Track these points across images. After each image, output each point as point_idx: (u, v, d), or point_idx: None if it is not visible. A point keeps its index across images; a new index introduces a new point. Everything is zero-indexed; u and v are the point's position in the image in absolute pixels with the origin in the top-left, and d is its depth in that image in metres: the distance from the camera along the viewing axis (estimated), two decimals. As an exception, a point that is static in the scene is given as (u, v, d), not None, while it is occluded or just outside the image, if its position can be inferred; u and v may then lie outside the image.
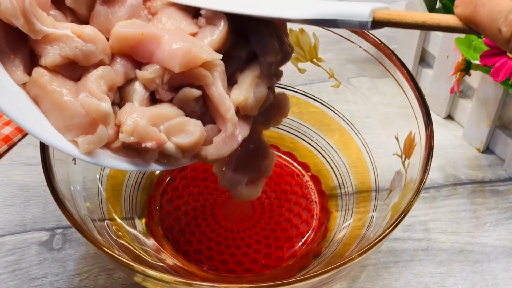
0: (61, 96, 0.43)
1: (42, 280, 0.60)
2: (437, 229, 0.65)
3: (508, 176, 0.69)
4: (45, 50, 0.44)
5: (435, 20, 0.40)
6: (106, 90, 0.44)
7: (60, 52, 0.44)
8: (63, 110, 0.44)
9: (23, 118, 0.43)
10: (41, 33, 0.43)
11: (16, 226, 0.64)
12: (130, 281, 0.60)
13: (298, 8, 0.45)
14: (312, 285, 0.49)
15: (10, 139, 0.70)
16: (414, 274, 0.61)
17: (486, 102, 0.68)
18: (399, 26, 0.42)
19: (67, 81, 0.45)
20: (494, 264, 0.62)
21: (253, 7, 0.47)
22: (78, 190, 0.57)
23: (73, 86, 0.45)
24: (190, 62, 0.45)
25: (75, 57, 0.44)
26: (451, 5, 0.69)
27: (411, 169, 0.55)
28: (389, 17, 0.41)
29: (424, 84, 0.76)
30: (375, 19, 0.42)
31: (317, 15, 0.44)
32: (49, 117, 0.44)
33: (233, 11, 0.47)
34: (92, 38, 0.44)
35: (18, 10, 0.41)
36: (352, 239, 0.58)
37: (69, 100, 0.43)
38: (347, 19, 0.42)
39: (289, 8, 0.46)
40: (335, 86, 0.66)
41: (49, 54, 0.44)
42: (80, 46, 0.44)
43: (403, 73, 0.59)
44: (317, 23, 0.44)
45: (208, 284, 0.49)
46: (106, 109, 0.43)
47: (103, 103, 0.43)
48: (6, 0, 0.41)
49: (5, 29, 0.43)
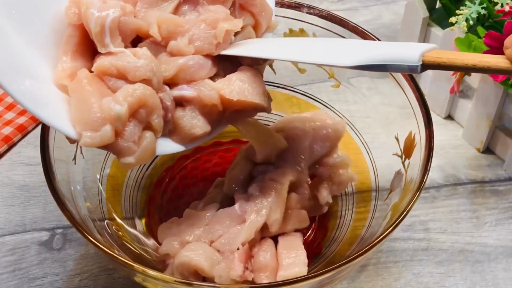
0: (88, 94, 0.46)
1: (42, 280, 0.60)
2: (437, 229, 0.65)
3: (508, 176, 0.69)
4: (100, 58, 0.47)
5: (485, 63, 0.40)
6: (133, 102, 0.46)
7: (111, 60, 0.47)
8: (84, 103, 0.46)
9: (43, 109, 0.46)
10: (107, 48, 0.47)
11: (16, 226, 0.64)
12: (130, 281, 0.60)
13: (348, 54, 0.45)
14: (312, 285, 0.49)
15: (10, 139, 0.70)
16: (414, 274, 0.61)
17: (486, 102, 0.68)
18: (449, 69, 0.42)
19: (104, 88, 0.47)
20: (494, 264, 0.62)
21: (306, 54, 0.49)
22: (78, 190, 0.57)
23: (107, 94, 0.47)
24: None
25: (123, 69, 0.46)
26: (451, 5, 0.69)
27: (411, 169, 0.55)
28: (438, 61, 0.41)
29: (424, 84, 0.76)
30: (424, 63, 0.41)
31: (367, 61, 0.44)
32: (72, 109, 0.47)
33: (286, 59, 0.48)
34: (145, 56, 0.47)
35: (99, 20, 0.46)
36: (352, 239, 0.58)
37: (93, 98, 0.46)
38: (397, 64, 0.42)
39: (339, 55, 0.47)
40: (335, 86, 0.66)
41: (100, 60, 0.47)
42: (131, 60, 0.47)
43: (403, 73, 0.59)
44: (367, 68, 0.44)
45: (208, 284, 0.49)
46: (117, 110, 0.45)
47: (117, 105, 0.45)
48: (95, 9, 0.46)
49: (82, 35, 0.48)
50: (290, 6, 0.63)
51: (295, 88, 0.69)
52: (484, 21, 0.66)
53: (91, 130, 0.45)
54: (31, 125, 0.72)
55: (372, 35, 0.60)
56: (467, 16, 0.64)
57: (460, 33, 0.65)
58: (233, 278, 0.51)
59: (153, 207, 0.64)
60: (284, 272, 0.52)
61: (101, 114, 0.45)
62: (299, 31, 0.64)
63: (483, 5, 0.64)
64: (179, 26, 0.49)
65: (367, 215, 0.59)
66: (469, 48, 0.63)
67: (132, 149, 0.47)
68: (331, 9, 0.85)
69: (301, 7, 0.63)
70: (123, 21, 0.48)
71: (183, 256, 0.52)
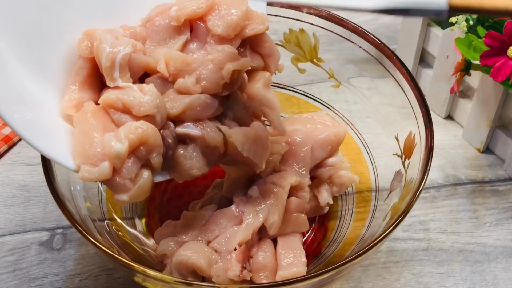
0: (91, 127, 0.47)
1: (42, 280, 0.60)
2: (437, 229, 0.65)
3: (508, 176, 0.69)
4: (107, 91, 0.48)
5: None
6: (135, 140, 0.46)
7: (118, 94, 0.47)
8: (86, 137, 0.47)
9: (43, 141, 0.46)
10: (115, 82, 0.48)
11: (16, 226, 0.64)
12: (130, 281, 0.60)
13: None
14: (312, 285, 0.49)
15: (10, 139, 0.70)
16: (414, 274, 0.61)
17: (486, 102, 0.68)
18: (477, 13, 0.40)
19: (109, 122, 0.48)
20: (494, 264, 0.62)
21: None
22: (78, 190, 0.57)
23: (110, 128, 0.47)
24: None
25: (128, 103, 0.47)
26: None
27: (411, 169, 0.55)
28: (467, 4, 0.40)
29: (424, 84, 0.76)
30: (451, 6, 0.40)
31: (390, 4, 0.43)
32: (74, 141, 0.47)
33: (306, 2, 0.47)
34: (151, 92, 0.47)
35: (111, 55, 0.47)
36: (352, 239, 0.58)
37: (96, 132, 0.46)
38: (422, 8, 0.41)
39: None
40: (335, 86, 0.66)
41: (108, 93, 0.48)
42: (136, 95, 0.47)
43: (403, 73, 0.59)
44: (388, 12, 0.43)
45: (208, 284, 0.49)
46: (117, 148, 0.45)
47: (118, 143, 0.45)
48: (107, 44, 0.47)
49: (92, 67, 0.49)
50: (290, 6, 0.63)
51: (295, 88, 0.69)
52: (484, 21, 0.66)
53: (90, 164, 0.46)
54: (31, 125, 0.72)
55: (372, 35, 0.60)
56: (467, 16, 0.64)
57: (460, 33, 0.65)
58: (231, 278, 0.51)
59: (153, 207, 0.64)
60: (283, 272, 0.52)
61: (102, 150, 0.46)
62: (299, 31, 0.64)
63: (483, 5, 0.64)
64: (186, 64, 0.50)
65: (367, 215, 0.59)
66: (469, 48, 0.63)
67: (128, 187, 0.47)
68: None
69: (301, 7, 0.63)
70: (133, 57, 0.48)
71: (181, 255, 0.52)
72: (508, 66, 0.58)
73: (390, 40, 0.82)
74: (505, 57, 0.59)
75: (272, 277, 0.53)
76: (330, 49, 0.64)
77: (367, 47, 0.61)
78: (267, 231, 0.54)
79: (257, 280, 0.53)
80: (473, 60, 0.64)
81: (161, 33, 0.51)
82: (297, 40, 0.65)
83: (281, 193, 0.55)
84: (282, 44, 0.66)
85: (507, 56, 0.58)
